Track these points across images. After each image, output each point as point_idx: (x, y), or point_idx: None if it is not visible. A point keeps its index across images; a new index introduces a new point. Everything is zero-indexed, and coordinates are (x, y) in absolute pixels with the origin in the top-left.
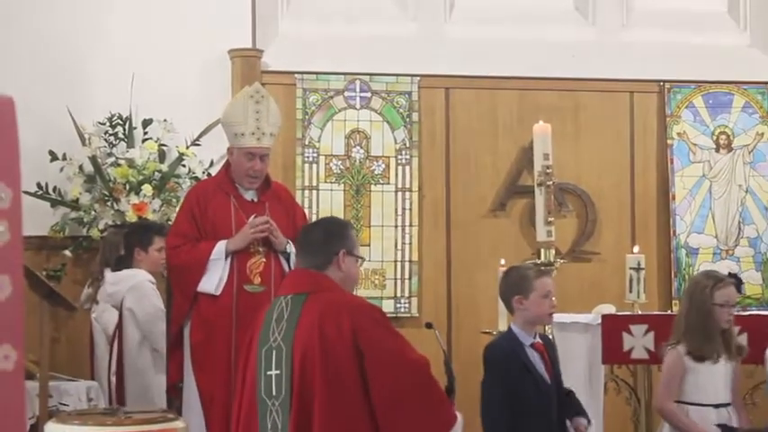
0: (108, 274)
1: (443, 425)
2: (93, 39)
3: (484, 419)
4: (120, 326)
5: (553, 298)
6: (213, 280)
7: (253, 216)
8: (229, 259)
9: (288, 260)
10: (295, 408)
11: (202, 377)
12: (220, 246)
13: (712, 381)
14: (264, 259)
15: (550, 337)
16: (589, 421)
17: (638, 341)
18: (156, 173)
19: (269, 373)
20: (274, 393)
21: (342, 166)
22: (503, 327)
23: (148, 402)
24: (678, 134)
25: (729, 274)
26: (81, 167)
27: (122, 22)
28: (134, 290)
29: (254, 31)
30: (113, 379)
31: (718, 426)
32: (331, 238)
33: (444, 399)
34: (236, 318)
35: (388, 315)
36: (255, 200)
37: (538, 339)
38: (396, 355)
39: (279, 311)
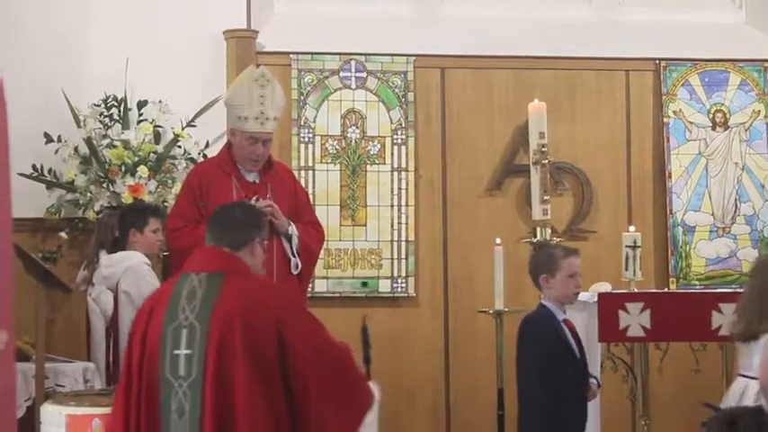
0: (103, 256)
1: (365, 407)
2: (88, 20)
3: (524, 398)
4: (115, 308)
5: (579, 278)
6: None
7: (255, 198)
8: None
9: (290, 242)
10: (211, 389)
11: None
12: None
13: None
14: (266, 241)
15: None
16: (599, 384)
17: (634, 319)
18: (152, 154)
19: (176, 352)
20: (182, 374)
21: (337, 147)
22: (499, 306)
23: None
24: (674, 112)
25: None
26: (76, 149)
27: (117, 3)
28: (130, 272)
29: (249, 12)
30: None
31: (705, 404)
32: (250, 222)
33: (364, 382)
34: None
35: (385, 295)
36: (257, 181)
37: (567, 316)
38: (319, 340)
39: (190, 289)
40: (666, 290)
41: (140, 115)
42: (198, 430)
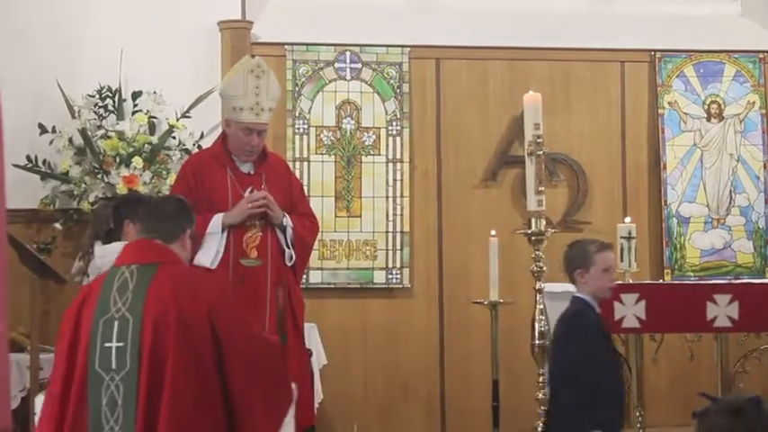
0: (97, 246)
1: (289, 402)
2: (83, 11)
3: (562, 391)
4: None
5: (613, 272)
6: (209, 254)
7: (250, 189)
8: (226, 233)
9: (284, 233)
10: (144, 382)
11: None
12: (216, 219)
13: None
14: (261, 233)
15: (541, 307)
16: None
17: (629, 310)
18: (147, 145)
19: (107, 345)
20: (114, 367)
21: (332, 138)
22: (494, 297)
23: None
24: (669, 103)
25: None
26: (71, 140)
27: None
28: None
29: (244, 3)
30: None
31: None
32: (182, 215)
33: (289, 378)
34: (232, 292)
35: (380, 286)
36: (252, 172)
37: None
38: (250, 332)
39: (121, 281)
40: (661, 281)
41: (135, 106)
42: (133, 422)
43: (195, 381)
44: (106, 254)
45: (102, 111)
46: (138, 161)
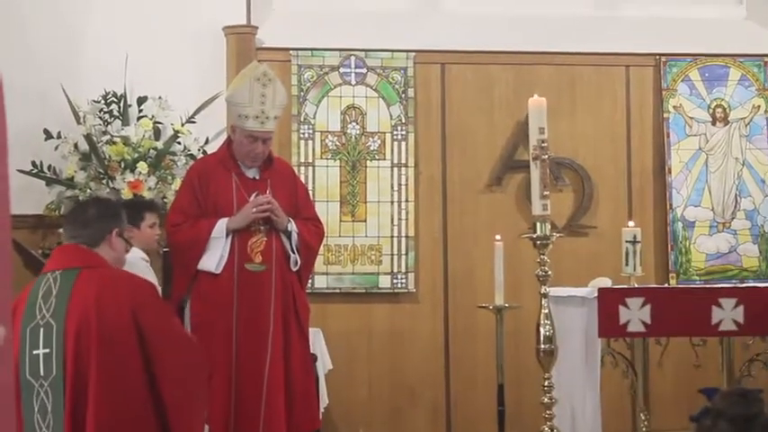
0: None
1: (206, 404)
2: (87, 16)
3: None
4: None
5: None
6: (214, 258)
7: (254, 194)
8: (230, 238)
9: (289, 239)
10: (70, 386)
11: None
12: (221, 224)
13: None
14: (266, 238)
15: (546, 311)
16: None
17: (634, 314)
18: (152, 150)
19: (35, 352)
20: (42, 373)
21: (337, 143)
22: (499, 301)
23: None
24: (674, 107)
25: None
26: (76, 146)
27: None
28: (127, 268)
29: (249, 8)
30: None
31: (701, 390)
32: (105, 217)
33: (208, 373)
34: (236, 296)
35: (385, 290)
36: (257, 177)
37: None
38: (175, 332)
39: (46, 288)
40: (666, 285)
41: (140, 111)
42: (62, 429)
43: (121, 383)
44: None
45: (107, 116)
46: (143, 166)
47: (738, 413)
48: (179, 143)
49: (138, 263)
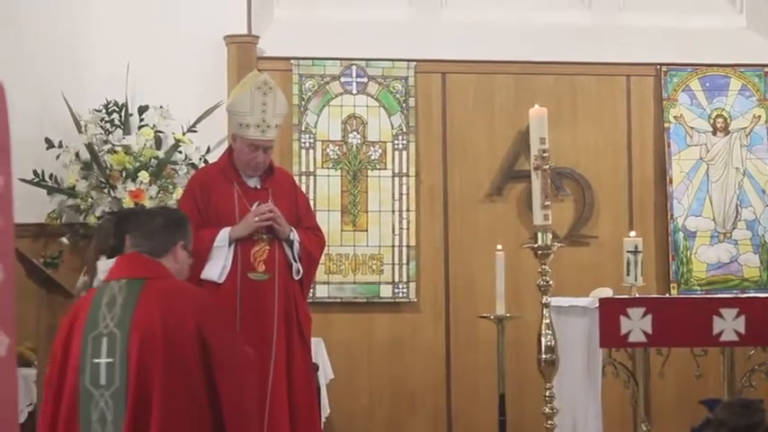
0: (101, 261)
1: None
2: (89, 25)
3: None
4: None
5: None
6: (216, 268)
7: (257, 203)
8: (233, 247)
9: (291, 247)
10: (132, 397)
11: None
12: (224, 233)
13: None
14: (268, 247)
15: (548, 321)
16: None
17: (635, 324)
18: (153, 159)
19: (96, 361)
20: (103, 383)
21: (338, 152)
22: (500, 311)
23: None
24: (675, 117)
25: None
26: (77, 155)
27: (118, 8)
28: None
29: (250, 17)
30: None
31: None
32: (171, 228)
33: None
34: (240, 306)
35: (386, 300)
36: (258, 186)
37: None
38: (238, 349)
39: (110, 296)
40: (668, 295)
41: (141, 120)
42: None
43: (184, 396)
44: (108, 268)
45: (108, 125)
46: (144, 175)
47: (740, 423)
48: (180, 152)
49: None
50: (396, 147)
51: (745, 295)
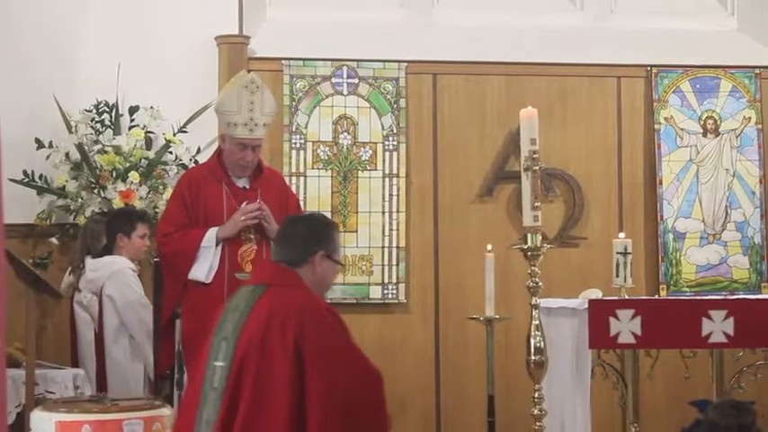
0: (88, 261)
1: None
2: (79, 25)
3: None
4: (99, 313)
5: None
6: (204, 268)
7: (245, 203)
8: (220, 247)
9: None
10: (225, 403)
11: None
12: (211, 233)
13: None
14: (256, 246)
15: (537, 323)
16: None
17: (624, 326)
18: (143, 160)
19: (215, 363)
20: (215, 385)
21: (329, 153)
22: (489, 312)
23: (126, 390)
24: (665, 119)
25: None
26: (67, 155)
27: (109, 8)
28: (114, 276)
29: (241, 18)
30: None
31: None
32: (312, 237)
33: (386, 417)
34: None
35: (376, 301)
36: (247, 187)
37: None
38: (338, 375)
39: (236, 302)
40: (657, 297)
41: (132, 121)
42: None
43: (265, 409)
44: (98, 268)
45: (98, 125)
46: (134, 176)
47: (731, 424)
48: (171, 153)
49: (125, 272)
50: (386, 148)
51: (735, 297)
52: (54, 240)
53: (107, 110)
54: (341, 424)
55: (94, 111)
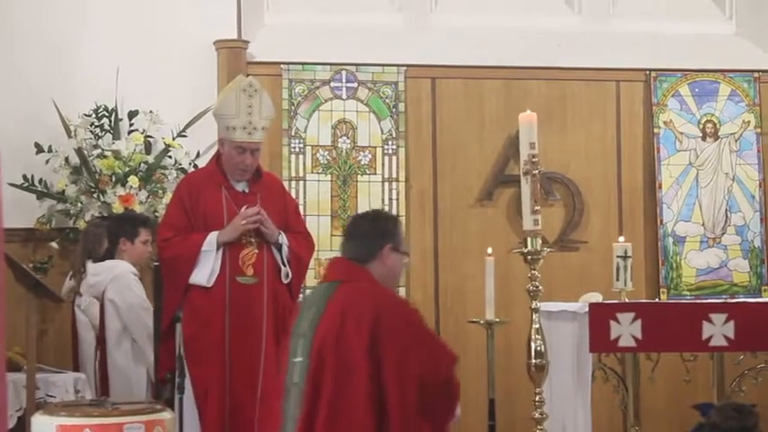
0: (90, 265)
1: (448, 420)
2: (79, 30)
3: None
4: (101, 317)
5: None
6: (205, 272)
7: (244, 207)
8: (221, 251)
9: (280, 251)
10: (307, 396)
11: (196, 371)
12: (211, 237)
13: None
14: (257, 250)
15: (537, 326)
16: None
17: (625, 329)
18: (143, 164)
19: (294, 359)
20: (296, 380)
21: (328, 157)
22: (489, 316)
23: (129, 393)
24: (664, 123)
25: None
26: (67, 159)
27: (108, 13)
28: (116, 281)
29: (240, 22)
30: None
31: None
32: (377, 232)
33: (457, 396)
34: (228, 310)
35: None
36: (246, 191)
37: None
38: (416, 353)
39: (312, 299)
40: (657, 300)
41: (131, 125)
42: None
43: (348, 400)
44: (100, 272)
45: (98, 130)
46: (134, 180)
47: (733, 427)
48: (170, 157)
49: (127, 276)
50: (385, 152)
51: (735, 300)
52: (54, 245)
53: (106, 114)
54: (417, 408)
55: (94, 115)
